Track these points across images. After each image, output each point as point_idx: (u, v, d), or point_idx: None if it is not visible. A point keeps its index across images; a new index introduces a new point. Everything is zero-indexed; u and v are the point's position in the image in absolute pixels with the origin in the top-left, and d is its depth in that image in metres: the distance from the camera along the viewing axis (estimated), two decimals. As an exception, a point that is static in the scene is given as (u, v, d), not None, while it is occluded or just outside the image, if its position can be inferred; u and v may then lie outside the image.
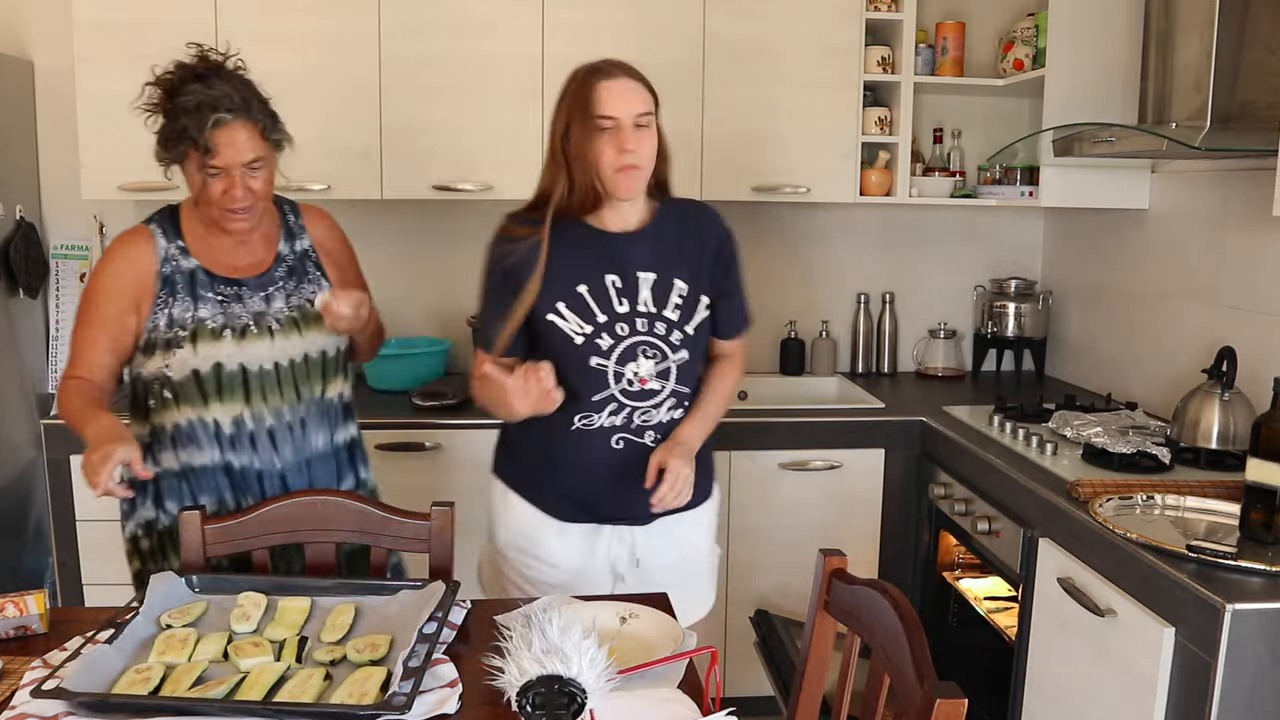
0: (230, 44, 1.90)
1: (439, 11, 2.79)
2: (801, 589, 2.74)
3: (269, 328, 1.78)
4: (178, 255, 1.77)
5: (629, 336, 1.74)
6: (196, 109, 1.67)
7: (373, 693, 1.30)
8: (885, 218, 3.37)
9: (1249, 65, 2.17)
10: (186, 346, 1.72)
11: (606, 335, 1.74)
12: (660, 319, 1.76)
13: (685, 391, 1.82)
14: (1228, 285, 2.48)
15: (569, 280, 1.73)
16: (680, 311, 1.77)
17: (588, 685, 1.12)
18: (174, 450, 1.77)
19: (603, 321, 1.74)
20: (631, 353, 1.74)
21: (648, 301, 1.75)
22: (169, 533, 1.79)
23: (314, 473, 1.84)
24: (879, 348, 3.38)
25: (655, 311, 1.76)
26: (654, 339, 1.75)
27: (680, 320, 1.77)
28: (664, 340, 1.76)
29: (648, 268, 1.75)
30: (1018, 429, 2.48)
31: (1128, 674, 1.78)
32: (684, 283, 1.77)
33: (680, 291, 1.77)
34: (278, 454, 1.80)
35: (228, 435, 1.76)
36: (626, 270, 1.75)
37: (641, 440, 1.80)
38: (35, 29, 3.02)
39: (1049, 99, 2.72)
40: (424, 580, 1.63)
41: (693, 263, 1.78)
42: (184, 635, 1.46)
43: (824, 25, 2.90)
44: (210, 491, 1.79)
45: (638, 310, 1.75)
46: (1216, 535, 1.85)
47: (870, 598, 1.34)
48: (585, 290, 1.74)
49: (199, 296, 1.76)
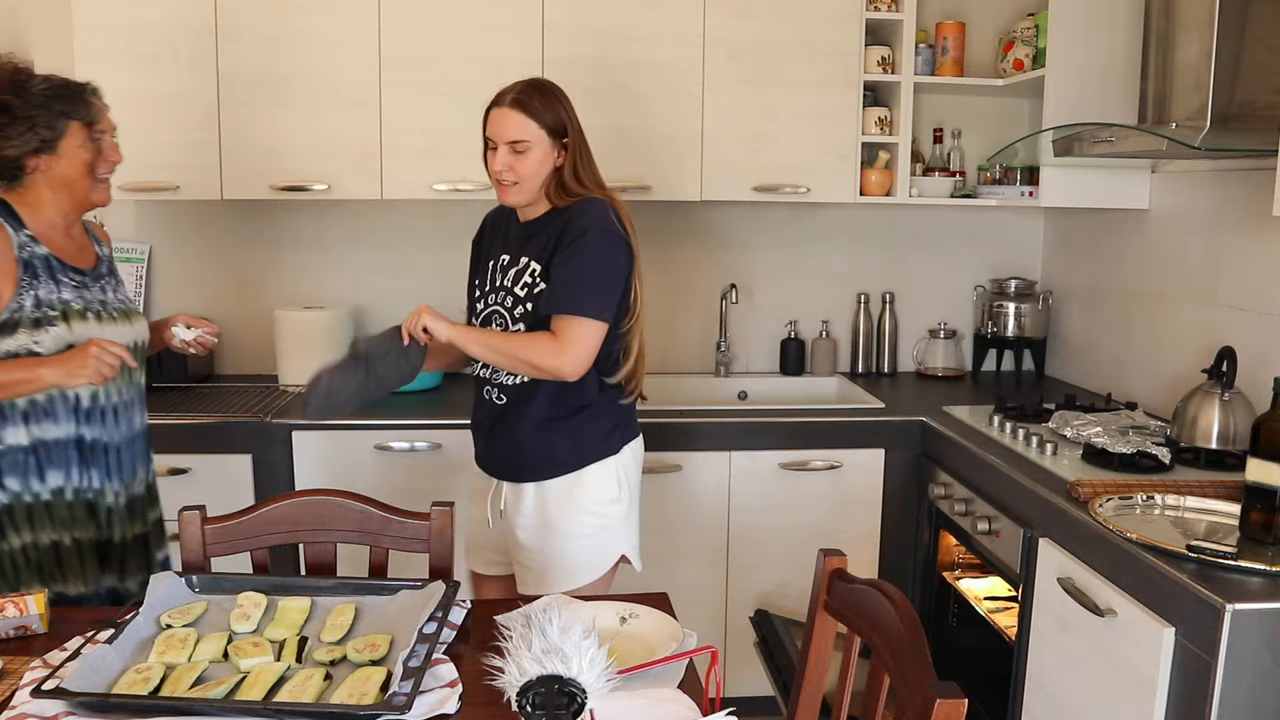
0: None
1: (439, 11, 2.79)
2: (801, 589, 2.74)
3: (111, 316, 1.90)
4: (29, 243, 1.83)
5: (493, 305, 2.05)
6: (65, 87, 1.82)
7: (373, 693, 1.31)
8: (885, 218, 3.37)
9: (1249, 65, 2.17)
10: (60, 325, 1.80)
11: (481, 301, 2.09)
12: (510, 294, 2.02)
13: None
14: (1228, 285, 2.48)
15: (490, 251, 2.11)
16: (527, 289, 2.00)
17: (588, 685, 1.13)
18: (25, 425, 1.81)
19: (485, 290, 2.08)
20: (488, 320, 2.06)
21: (511, 278, 2.03)
22: (7, 511, 1.81)
23: (136, 450, 1.97)
24: (879, 348, 3.38)
25: (509, 287, 2.03)
26: (503, 310, 2.03)
27: (525, 296, 2.00)
28: (509, 312, 2.02)
29: (524, 253, 2.03)
30: (1018, 429, 2.48)
31: (1128, 674, 1.78)
32: (538, 264, 2.00)
33: (532, 272, 2.00)
34: (119, 429, 1.91)
35: (85, 409, 1.85)
36: (513, 252, 2.05)
37: (492, 397, 2.08)
38: (35, 29, 3.02)
39: (1049, 99, 2.72)
40: (424, 580, 1.63)
41: (545, 250, 2.00)
42: (184, 635, 1.46)
43: (824, 25, 2.90)
44: (59, 465, 1.84)
45: (503, 285, 2.04)
46: (1216, 535, 1.85)
47: (870, 598, 1.34)
48: (491, 264, 2.09)
49: (59, 281, 1.84)
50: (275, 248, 3.19)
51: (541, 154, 1.97)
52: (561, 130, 1.98)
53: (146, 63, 2.76)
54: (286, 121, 2.82)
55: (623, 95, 2.86)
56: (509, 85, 2.00)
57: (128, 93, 2.76)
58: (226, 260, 3.20)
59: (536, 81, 2.01)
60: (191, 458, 2.62)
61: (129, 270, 3.14)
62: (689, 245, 3.31)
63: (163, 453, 2.60)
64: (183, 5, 2.73)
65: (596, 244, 1.96)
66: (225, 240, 3.19)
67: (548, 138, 1.97)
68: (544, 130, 1.96)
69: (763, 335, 3.37)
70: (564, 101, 2.01)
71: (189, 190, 2.83)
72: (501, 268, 2.06)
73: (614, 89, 2.85)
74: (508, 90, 1.99)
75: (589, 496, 2.05)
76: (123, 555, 1.91)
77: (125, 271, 3.13)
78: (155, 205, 3.14)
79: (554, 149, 1.98)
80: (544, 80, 2.03)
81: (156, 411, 2.67)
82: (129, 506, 1.93)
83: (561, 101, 2.00)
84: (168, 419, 2.63)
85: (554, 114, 1.97)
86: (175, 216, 3.16)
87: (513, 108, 1.96)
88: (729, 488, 2.74)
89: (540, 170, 1.98)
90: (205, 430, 2.62)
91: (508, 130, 1.95)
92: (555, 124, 1.97)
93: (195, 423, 2.63)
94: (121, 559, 1.91)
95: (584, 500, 2.04)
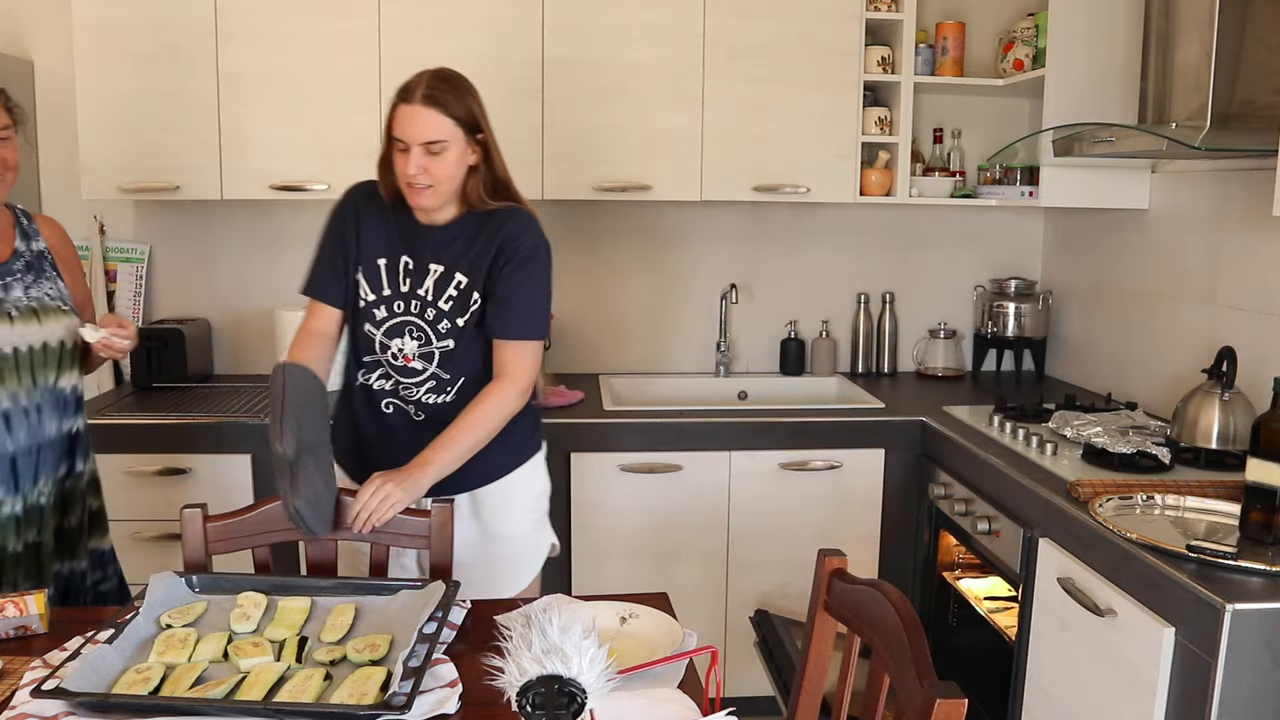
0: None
1: (439, 11, 2.79)
2: (801, 589, 2.74)
3: (8, 314, 1.79)
4: None
5: (402, 315, 1.90)
6: None
7: (373, 693, 1.31)
8: (885, 218, 3.37)
9: (1249, 65, 2.17)
10: None
11: (383, 308, 1.91)
12: (433, 307, 1.89)
13: (447, 378, 1.92)
14: (1227, 285, 2.48)
15: (373, 251, 1.92)
16: (453, 304, 1.89)
17: (588, 685, 1.12)
18: None
19: (386, 295, 1.91)
20: (399, 330, 1.90)
21: (429, 290, 1.89)
22: None
23: (42, 458, 1.85)
24: (879, 348, 3.38)
25: (430, 300, 1.89)
26: (422, 323, 1.90)
27: (451, 312, 1.89)
28: (431, 326, 1.89)
29: (439, 260, 1.89)
30: (1018, 429, 2.48)
31: (1128, 674, 1.78)
32: (464, 277, 1.88)
33: (458, 284, 1.88)
34: (11, 437, 1.79)
35: None
36: (420, 257, 1.90)
37: (407, 410, 1.95)
38: (35, 29, 3.03)
39: (1049, 99, 2.72)
40: (424, 580, 1.63)
41: (475, 261, 1.88)
42: (184, 635, 1.46)
43: (824, 25, 2.90)
44: None
45: (416, 294, 1.90)
46: (1216, 535, 1.85)
47: (870, 598, 1.34)
48: (383, 264, 1.91)
49: None
50: (275, 248, 3.19)
51: (458, 153, 1.83)
52: (475, 125, 1.84)
53: (146, 63, 2.76)
54: (286, 121, 2.81)
55: (623, 95, 2.86)
56: (414, 78, 1.82)
57: (128, 93, 2.77)
58: (226, 260, 3.20)
59: (444, 73, 1.84)
60: (191, 457, 2.62)
61: (129, 270, 3.14)
62: (689, 245, 3.31)
63: (163, 452, 2.62)
64: (183, 5, 2.73)
65: (546, 264, 1.91)
66: (225, 240, 3.19)
67: (463, 135, 1.82)
68: (460, 128, 1.81)
69: (763, 335, 3.37)
70: (474, 93, 1.85)
71: (189, 190, 2.83)
72: (408, 272, 1.90)
73: (614, 89, 2.85)
74: (415, 84, 1.80)
75: (526, 494, 2.03)
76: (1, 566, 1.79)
77: (125, 271, 3.13)
78: (155, 205, 3.14)
79: (469, 146, 1.84)
80: (450, 71, 1.86)
81: (157, 411, 2.68)
82: (24, 516, 1.82)
83: (472, 94, 1.85)
84: (168, 419, 2.63)
85: (466, 108, 1.82)
86: (175, 216, 3.16)
87: (426, 104, 1.78)
88: (729, 488, 2.74)
89: (458, 172, 1.84)
90: (205, 430, 2.62)
91: (422, 130, 1.78)
92: (469, 119, 1.82)
93: (195, 423, 2.62)
94: (0, 570, 1.79)
95: (521, 499, 2.02)
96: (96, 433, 1.97)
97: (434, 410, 1.93)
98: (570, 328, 3.30)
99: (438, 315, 1.89)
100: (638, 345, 3.34)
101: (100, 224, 3.11)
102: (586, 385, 3.05)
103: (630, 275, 3.30)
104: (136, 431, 2.61)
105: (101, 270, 3.11)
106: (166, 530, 2.61)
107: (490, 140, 1.87)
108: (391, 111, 1.82)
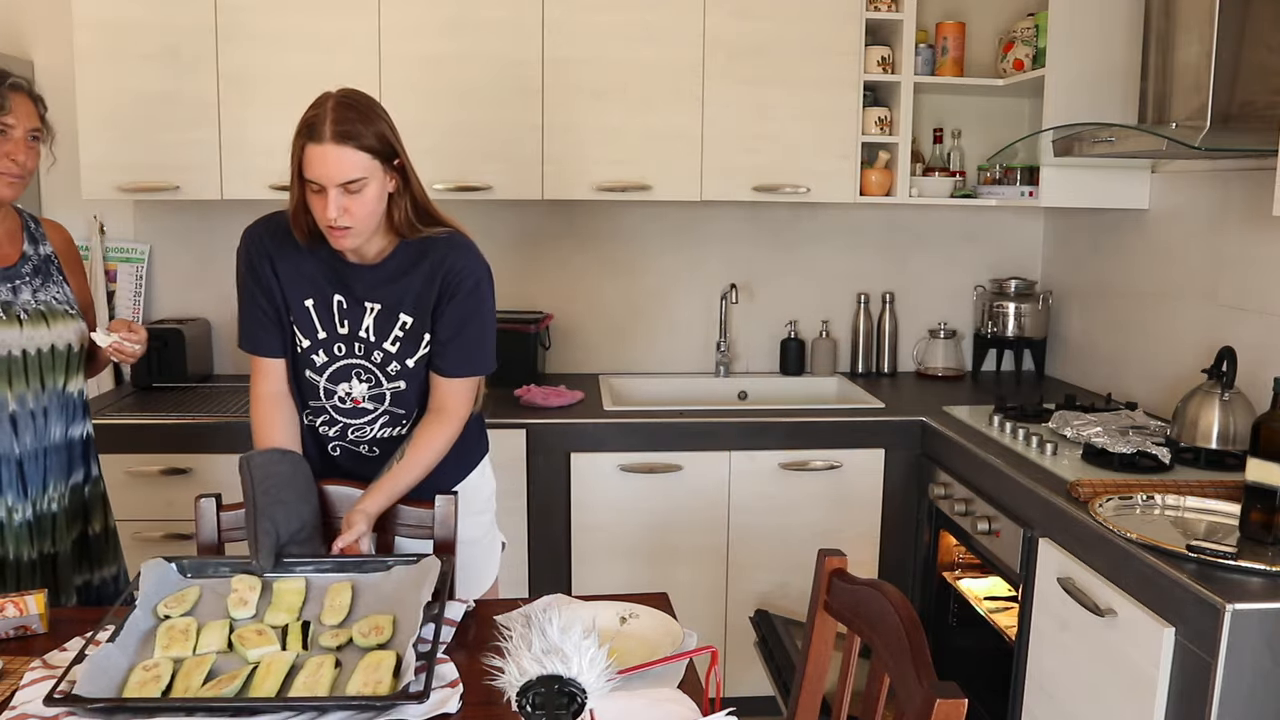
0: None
1: (439, 11, 2.79)
2: (801, 589, 2.74)
3: (17, 317, 1.78)
4: None
5: (344, 358, 1.79)
6: None
7: (386, 679, 1.32)
8: (885, 218, 3.37)
9: (1249, 65, 2.17)
10: None
11: (322, 352, 1.79)
12: (379, 349, 1.78)
13: (401, 413, 1.85)
14: (1227, 285, 2.48)
15: (298, 293, 1.78)
16: (400, 345, 1.78)
17: (588, 685, 1.12)
18: None
19: (322, 338, 1.79)
20: (345, 374, 1.80)
21: (370, 329, 1.78)
22: None
23: (49, 462, 1.83)
24: (879, 348, 3.38)
25: (375, 341, 1.78)
26: (370, 365, 1.79)
27: (400, 354, 1.79)
28: (380, 369, 1.80)
29: (374, 299, 1.77)
30: (1018, 429, 2.48)
31: (1128, 674, 1.78)
32: (409, 317, 1.78)
33: (404, 325, 1.78)
34: (18, 440, 1.78)
35: None
36: (353, 294, 1.77)
37: (358, 450, 1.87)
38: (35, 29, 3.02)
39: (1049, 99, 2.72)
40: (418, 555, 1.63)
41: (420, 299, 1.77)
42: (184, 625, 1.45)
43: (824, 25, 2.90)
44: None
45: (358, 336, 1.78)
46: (1216, 535, 1.85)
47: (870, 598, 1.34)
48: (311, 305, 1.78)
49: None
50: (275, 248, 3.19)
51: (378, 187, 1.67)
52: (391, 151, 1.68)
53: (146, 62, 2.76)
54: (286, 121, 2.79)
55: (623, 95, 2.86)
56: (316, 110, 1.64)
57: (128, 92, 2.77)
58: (226, 260, 3.17)
59: (348, 98, 1.67)
60: (191, 458, 2.62)
61: (129, 270, 3.14)
62: (689, 245, 3.31)
63: (163, 453, 2.62)
64: (183, 5, 2.73)
65: (490, 293, 1.81)
66: (225, 240, 3.18)
67: (380, 166, 1.66)
68: (376, 159, 1.65)
69: (763, 335, 3.37)
70: (382, 114, 1.69)
71: (189, 190, 2.83)
72: (342, 311, 1.77)
73: (614, 89, 2.85)
74: (318, 119, 1.62)
75: (478, 498, 1.99)
76: (17, 576, 1.78)
77: (125, 271, 3.13)
78: (155, 205, 3.14)
79: (387, 175, 1.69)
80: (353, 93, 1.69)
81: (157, 412, 2.68)
82: (36, 524, 1.81)
83: (380, 115, 1.69)
84: (168, 419, 2.63)
85: (379, 135, 1.66)
86: (175, 216, 3.16)
87: (337, 142, 1.61)
88: (729, 488, 2.74)
89: (379, 206, 1.68)
90: (205, 430, 2.62)
91: (336, 170, 1.61)
92: (384, 147, 1.66)
93: (195, 423, 2.63)
94: (18, 581, 1.78)
95: (475, 503, 1.97)
96: (97, 433, 1.97)
97: (388, 443, 1.86)
98: (570, 328, 3.30)
99: (385, 358, 1.79)
100: (638, 345, 3.34)
101: (100, 224, 3.11)
102: (586, 385, 3.05)
103: (630, 275, 3.30)
104: (137, 432, 2.62)
105: (101, 270, 3.11)
106: (168, 530, 2.61)
107: (406, 163, 1.72)
108: (299, 152, 1.65)
